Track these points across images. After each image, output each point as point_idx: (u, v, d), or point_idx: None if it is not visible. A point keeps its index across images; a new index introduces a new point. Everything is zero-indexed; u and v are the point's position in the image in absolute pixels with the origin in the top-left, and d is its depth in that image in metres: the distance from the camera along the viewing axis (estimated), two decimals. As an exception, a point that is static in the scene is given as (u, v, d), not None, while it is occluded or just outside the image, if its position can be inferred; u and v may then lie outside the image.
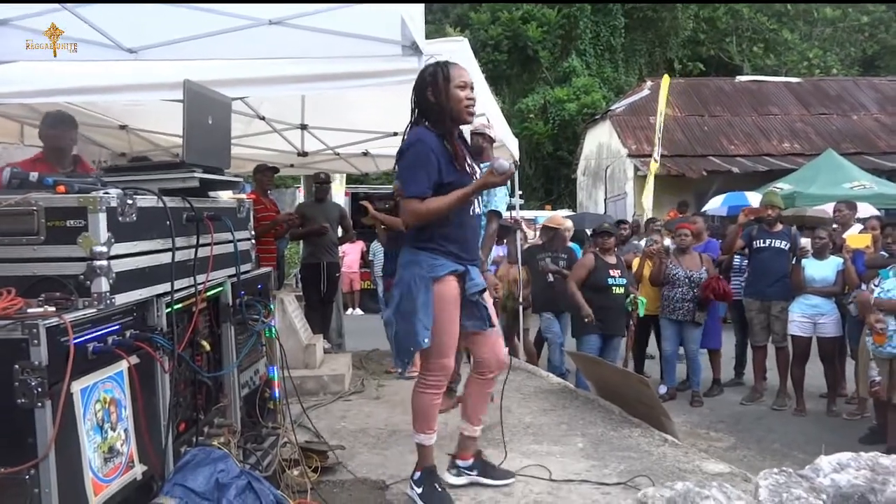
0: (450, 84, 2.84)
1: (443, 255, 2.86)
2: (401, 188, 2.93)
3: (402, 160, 2.85)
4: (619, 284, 5.84)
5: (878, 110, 17.77)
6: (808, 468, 0.98)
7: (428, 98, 2.85)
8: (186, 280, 2.33)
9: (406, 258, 2.89)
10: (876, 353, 4.72)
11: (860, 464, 0.98)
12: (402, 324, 2.83)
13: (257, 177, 6.36)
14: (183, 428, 2.33)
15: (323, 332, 6.38)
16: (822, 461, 0.99)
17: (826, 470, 0.96)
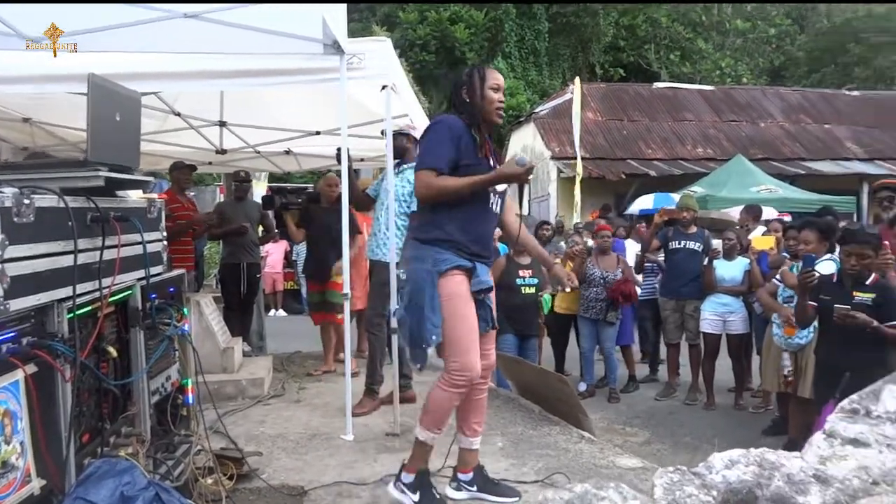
0: (485, 84, 2.87)
1: (449, 250, 2.78)
2: (419, 157, 2.88)
3: (423, 138, 2.86)
4: (529, 284, 5.92)
5: (784, 118, 18.80)
6: (701, 465, 1.02)
7: (462, 96, 2.87)
8: (91, 284, 2.23)
9: (411, 252, 2.84)
10: (785, 345, 4.97)
11: (749, 459, 1.03)
12: (413, 320, 2.78)
13: (174, 174, 6.15)
14: (87, 439, 2.22)
15: (242, 335, 6.22)
16: (715, 458, 1.04)
17: (718, 467, 1.00)
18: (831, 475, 1.02)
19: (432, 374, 4.57)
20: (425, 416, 2.87)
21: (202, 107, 5.82)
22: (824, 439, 1.15)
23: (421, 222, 2.86)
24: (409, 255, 2.85)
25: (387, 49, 4.24)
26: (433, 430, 2.85)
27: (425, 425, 2.86)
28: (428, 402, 2.87)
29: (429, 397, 2.88)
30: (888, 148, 17.26)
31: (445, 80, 3.43)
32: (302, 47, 3.67)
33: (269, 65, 3.80)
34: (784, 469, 1.00)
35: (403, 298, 2.85)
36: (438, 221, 2.81)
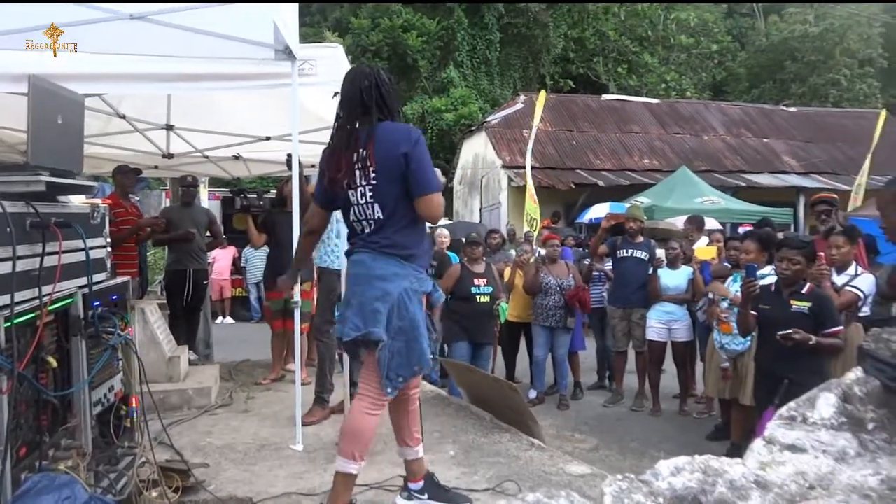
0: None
1: (425, 269, 2.79)
2: (422, 179, 2.65)
3: (419, 152, 2.64)
4: (484, 293, 5.98)
5: (725, 132, 19.43)
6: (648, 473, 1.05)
7: (393, 102, 2.77)
8: (30, 291, 2.15)
9: (390, 269, 2.65)
10: (725, 352, 5.13)
11: (694, 466, 1.06)
12: (402, 343, 2.63)
13: (117, 178, 5.98)
14: (24, 452, 2.14)
15: (189, 343, 6.08)
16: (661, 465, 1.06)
17: (664, 474, 1.03)
18: (770, 480, 1.06)
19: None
20: (360, 447, 2.72)
21: (148, 110, 5.69)
22: (764, 445, 1.20)
23: (403, 237, 2.69)
24: (388, 272, 2.65)
25: (339, 55, 4.22)
26: (362, 461, 2.75)
27: (360, 457, 2.72)
28: (359, 432, 2.72)
29: (359, 426, 2.72)
30: (823, 162, 18.03)
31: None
32: (253, 52, 3.63)
33: (219, 69, 3.74)
34: (727, 475, 1.04)
35: (378, 317, 2.61)
36: (416, 240, 2.74)
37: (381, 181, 2.66)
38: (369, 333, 2.62)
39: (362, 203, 2.71)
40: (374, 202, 2.68)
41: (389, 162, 2.63)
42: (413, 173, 2.63)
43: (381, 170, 2.64)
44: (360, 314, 2.65)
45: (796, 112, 21.45)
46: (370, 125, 2.68)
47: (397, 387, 2.68)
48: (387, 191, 2.66)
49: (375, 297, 2.63)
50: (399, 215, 2.68)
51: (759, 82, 27.90)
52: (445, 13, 23.98)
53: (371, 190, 2.68)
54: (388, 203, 2.67)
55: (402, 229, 2.69)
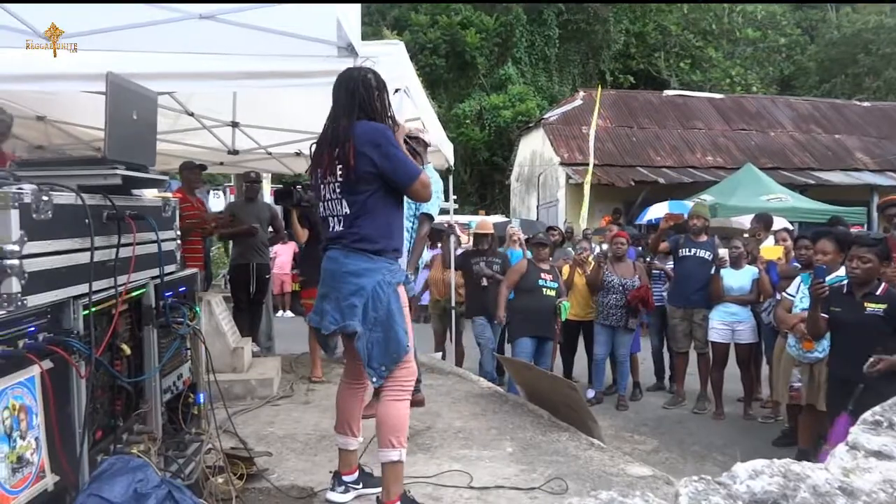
0: (387, 94, 2.94)
1: (396, 261, 2.89)
2: (401, 172, 2.77)
3: (389, 151, 2.74)
4: (551, 287, 5.97)
5: (793, 128, 18.75)
6: (725, 475, 1.01)
7: (374, 103, 2.85)
8: (106, 281, 2.23)
9: (362, 265, 2.76)
10: (801, 358, 4.88)
11: (773, 470, 1.02)
12: (380, 333, 2.74)
13: (184, 174, 6.17)
14: (100, 436, 2.22)
15: (251, 335, 6.23)
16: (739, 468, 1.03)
17: (742, 477, 0.99)
18: (857, 488, 1.01)
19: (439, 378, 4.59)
20: (388, 436, 2.78)
21: (215, 107, 5.85)
22: (847, 451, 1.14)
23: (371, 230, 2.78)
24: (359, 268, 2.76)
25: (400, 52, 4.25)
26: (404, 445, 2.82)
27: (395, 444, 2.78)
28: (391, 419, 2.80)
29: (388, 414, 2.80)
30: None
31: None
32: (316, 49, 3.67)
33: (283, 67, 3.80)
34: (809, 481, 0.99)
35: (355, 312, 2.73)
36: (386, 231, 2.83)
37: (348, 178, 2.76)
38: (346, 326, 2.76)
39: (332, 199, 2.84)
40: (342, 198, 2.81)
41: (359, 161, 2.72)
42: (389, 171, 2.75)
43: (351, 169, 2.73)
44: (337, 308, 2.79)
45: (870, 107, 20.54)
46: (348, 124, 2.77)
47: (382, 375, 2.79)
48: (354, 188, 2.77)
49: (350, 292, 2.76)
50: (366, 211, 2.78)
51: (829, 76, 26.81)
52: (504, 9, 23.86)
53: (339, 186, 2.80)
54: (355, 199, 2.78)
55: (369, 224, 2.79)
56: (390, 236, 2.85)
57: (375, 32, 22.30)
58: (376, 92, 2.86)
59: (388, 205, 2.85)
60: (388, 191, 2.82)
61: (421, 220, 4.21)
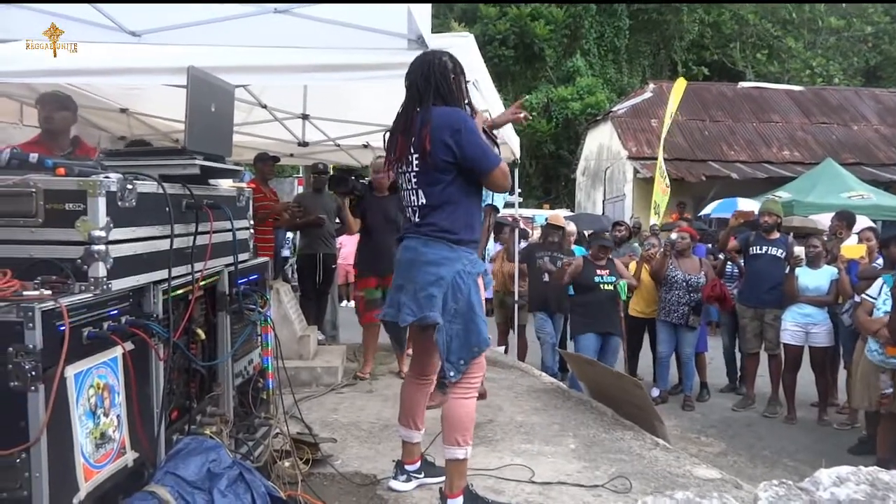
0: (465, 78, 2.87)
1: (475, 251, 2.82)
2: (482, 159, 2.69)
3: (467, 137, 2.65)
4: (608, 282, 5.87)
5: (879, 121, 17.80)
6: (807, 481, 0.97)
7: (451, 86, 2.77)
8: (184, 268, 2.32)
9: (441, 254, 2.68)
10: (884, 364, 4.62)
11: (860, 478, 0.97)
12: (460, 325, 2.66)
13: (258, 165, 6.33)
14: (175, 416, 2.32)
15: (317, 324, 6.36)
16: (822, 474, 0.98)
17: (826, 483, 0.95)
18: (951, 500, 0.95)
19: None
20: (454, 433, 2.73)
21: (286, 99, 5.97)
22: (940, 462, 1.08)
23: (451, 222, 2.70)
24: (438, 257, 2.68)
25: (470, 45, 4.23)
26: (470, 443, 2.77)
27: (460, 442, 2.73)
28: (458, 418, 2.74)
29: (456, 413, 2.74)
30: None
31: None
32: (387, 42, 3.70)
33: (354, 59, 3.85)
34: (900, 490, 0.94)
35: (434, 303, 2.65)
36: (466, 221, 2.75)
37: (424, 167, 2.70)
38: (425, 318, 2.66)
39: (408, 189, 2.78)
40: (418, 188, 2.73)
41: (434, 149, 2.64)
42: (469, 158, 2.66)
43: (426, 157, 2.66)
44: (414, 300, 2.69)
45: (963, 99, 19.30)
46: (424, 110, 2.70)
47: (460, 370, 2.70)
48: (431, 177, 2.69)
49: (429, 282, 2.66)
50: (444, 201, 2.70)
51: (920, 67, 25.33)
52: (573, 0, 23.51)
53: (415, 176, 2.73)
54: (432, 189, 2.70)
55: (448, 215, 2.71)
56: (470, 227, 2.77)
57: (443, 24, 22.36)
58: (453, 76, 2.77)
59: (467, 195, 2.76)
60: (467, 180, 2.73)
61: (486, 212, 4.20)
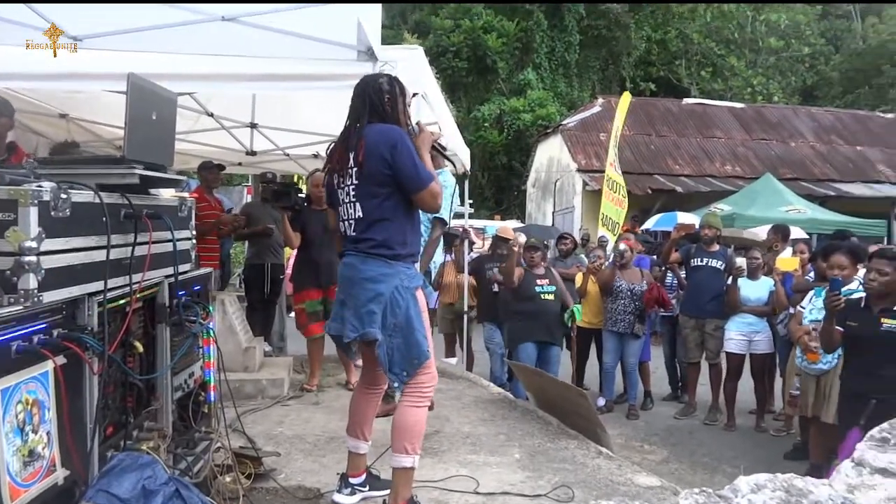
0: (404, 100, 2.91)
1: (413, 265, 2.87)
2: (410, 177, 2.73)
3: (401, 153, 2.70)
4: (548, 291, 5.92)
5: (815, 139, 18.57)
6: (727, 489, 1.01)
7: (385, 106, 2.83)
8: (122, 279, 2.27)
9: (379, 271, 2.74)
10: (805, 369, 4.87)
11: (776, 485, 1.01)
12: (399, 339, 2.73)
13: (202, 174, 6.23)
14: (111, 431, 2.25)
15: (264, 335, 6.27)
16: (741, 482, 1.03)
17: (744, 491, 0.99)
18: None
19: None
20: (402, 441, 2.76)
21: (234, 108, 5.91)
22: (853, 467, 1.13)
23: (386, 237, 2.75)
24: (376, 273, 2.73)
25: (419, 58, 4.27)
26: (418, 452, 2.81)
27: (408, 450, 2.76)
28: (408, 426, 2.78)
29: (406, 421, 2.78)
30: (922, 172, 16.98)
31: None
32: (336, 53, 3.70)
33: (303, 69, 3.83)
34: (812, 496, 0.99)
35: (373, 318, 2.71)
36: (403, 236, 2.80)
37: (363, 181, 2.75)
38: (366, 334, 2.73)
39: (346, 202, 2.83)
40: (356, 201, 2.78)
41: (371, 162, 2.71)
42: (399, 175, 2.72)
43: (363, 170, 2.73)
44: (356, 316, 2.76)
45: (894, 119, 20.28)
46: (361, 127, 2.77)
47: (403, 380, 2.77)
48: (368, 191, 2.75)
49: (368, 298, 2.73)
50: (380, 216, 2.76)
51: (853, 87, 26.56)
52: (525, 15, 23.88)
53: (354, 189, 2.79)
54: (369, 203, 2.75)
55: (384, 230, 2.76)
56: (406, 242, 2.82)
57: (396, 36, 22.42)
58: (387, 96, 2.83)
59: (405, 211, 2.81)
60: (404, 197, 2.79)
61: (434, 225, 4.21)
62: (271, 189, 5.53)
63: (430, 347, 2.82)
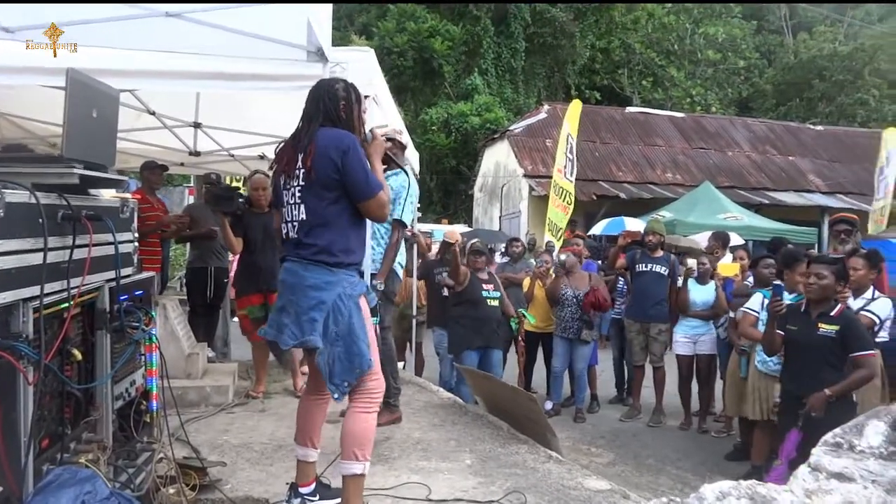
0: (359, 107, 2.88)
1: (356, 273, 2.82)
2: (359, 184, 2.70)
3: (352, 160, 2.67)
4: (493, 297, 5.95)
5: (750, 148, 19.25)
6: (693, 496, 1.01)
7: (340, 112, 2.80)
8: (59, 283, 2.16)
9: (322, 278, 2.68)
10: (771, 371, 4.75)
11: (741, 492, 1.02)
12: (341, 348, 2.67)
13: (145, 174, 6.03)
14: (47, 444, 2.14)
15: (207, 341, 6.10)
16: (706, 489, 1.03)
17: (710, 498, 1.00)
18: (820, 510, 1.02)
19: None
20: (354, 448, 2.73)
21: (177, 107, 5.72)
22: (809, 472, 1.15)
23: (328, 243, 2.70)
24: (320, 282, 2.68)
25: (370, 59, 4.23)
26: (369, 458, 2.77)
27: (359, 457, 2.73)
28: (358, 432, 2.75)
29: (355, 427, 2.75)
30: (848, 182, 17.81)
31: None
32: (285, 53, 3.62)
33: (251, 69, 3.73)
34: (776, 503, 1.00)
35: (314, 326, 2.66)
36: (346, 243, 2.76)
37: (309, 184, 2.71)
38: (306, 342, 2.69)
39: (291, 203, 2.78)
40: (301, 203, 2.74)
41: (319, 165, 2.67)
42: (348, 182, 2.69)
43: (311, 173, 2.69)
44: (296, 323, 2.71)
45: (823, 131, 21.23)
46: (313, 130, 2.74)
47: (344, 391, 2.72)
48: (314, 192, 2.71)
49: (310, 306, 2.68)
50: (324, 220, 2.72)
51: (785, 100, 27.66)
52: (471, 20, 24.01)
53: (300, 191, 2.75)
54: (314, 205, 2.71)
55: (326, 235, 2.71)
56: (349, 250, 2.77)
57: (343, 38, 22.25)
58: (342, 102, 2.80)
59: (349, 217, 2.77)
60: (350, 203, 2.75)
61: (393, 227, 4.17)
62: (213, 193, 5.33)
63: (374, 355, 2.77)
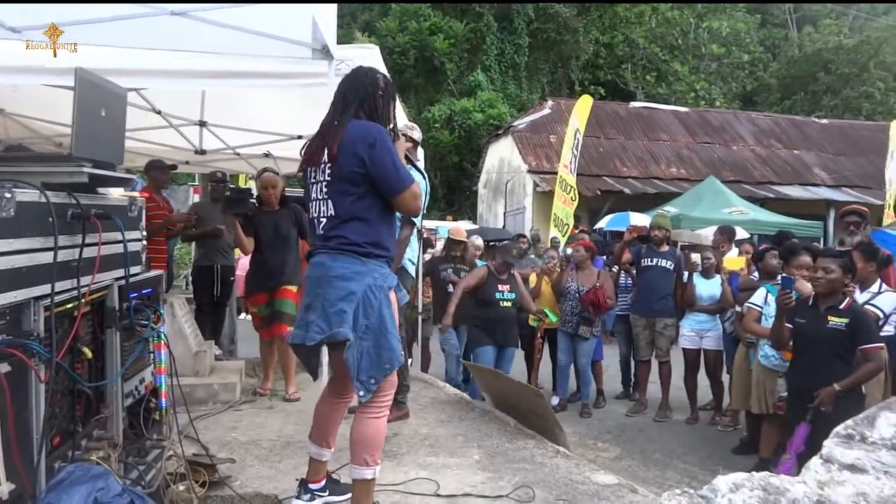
0: (394, 104, 2.85)
1: (386, 265, 2.71)
2: (391, 178, 2.62)
3: (380, 152, 2.58)
4: (507, 299, 5.96)
5: (755, 142, 19.19)
6: (706, 489, 1.02)
7: (377, 103, 2.75)
8: (69, 282, 2.17)
9: (351, 268, 2.58)
10: (782, 368, 4.72)
11: (754, 484, 1.03)
12: (370, 341, 2.55)
13: (151, 174, 6.04)
14: (58, 442, 2.15)
15: (214, 338, 6.12)
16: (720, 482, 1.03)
17: (723, 490, 1.00)
18: (833, 501, 1.02)
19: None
20: (362, 452, 2.65)
21: (183, 105, 5.72)
22: (822, 464, 1.15)
23: (358, 237, 2.61)
24: (349, 271, 2.58)
25: (375, 56, 4.22)
26: (378, 462, 2.70)
27: (369, 462, 2.66)
28: (367, 437, 2.67)
29: (365, 432, 2.67)
30: (854, 175, 17.74)
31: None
32: (290, 51, 3.61)
33: (256, 67, 3.74)
34: (789, 494, 1.00)
35: (344, 318, 2.54)
36: (375, 238, 2.66)
37: (336, 178, 2.63)
38: (335, 334, 2.55)
39: (318, 198, 2.70)
40: (328, 198, 2.66)
41: (345, 159, 2.59)
42: (377, 177, 2.61)
43: (338, 167, 2.61)
44: (324, 316, 2.58)
45: (828, 124, 21.15)
46: (345, 119, 2.67)
47: (370, 389, 2.59)
48: (341, 188, 2.63)
49: (339, 297, 2.56)
50: (353, 215, 2.63)
51: (790, 93, 27.56)
52: (474, 17, 23.96)
53: (327, 186, 2.66)
54: (341, 200, 2.63)
55: (355, 230, 2.63)
56: (381, 245, 2.68)
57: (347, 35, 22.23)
58: (381, 93, 2.75)
59: (379, 212, 2.68)
60: (379, 197, 2.66)
61: (403, 225, 4.17)
62: (225, 196, 5.33)
63: (401, 352, 2.70)
